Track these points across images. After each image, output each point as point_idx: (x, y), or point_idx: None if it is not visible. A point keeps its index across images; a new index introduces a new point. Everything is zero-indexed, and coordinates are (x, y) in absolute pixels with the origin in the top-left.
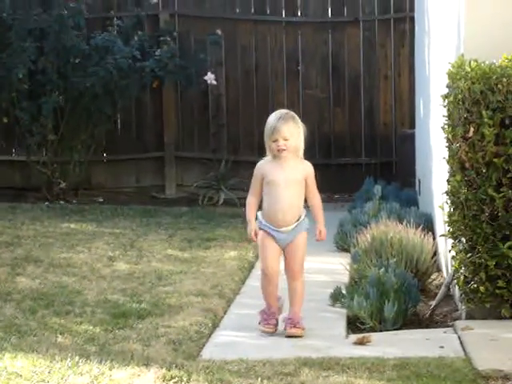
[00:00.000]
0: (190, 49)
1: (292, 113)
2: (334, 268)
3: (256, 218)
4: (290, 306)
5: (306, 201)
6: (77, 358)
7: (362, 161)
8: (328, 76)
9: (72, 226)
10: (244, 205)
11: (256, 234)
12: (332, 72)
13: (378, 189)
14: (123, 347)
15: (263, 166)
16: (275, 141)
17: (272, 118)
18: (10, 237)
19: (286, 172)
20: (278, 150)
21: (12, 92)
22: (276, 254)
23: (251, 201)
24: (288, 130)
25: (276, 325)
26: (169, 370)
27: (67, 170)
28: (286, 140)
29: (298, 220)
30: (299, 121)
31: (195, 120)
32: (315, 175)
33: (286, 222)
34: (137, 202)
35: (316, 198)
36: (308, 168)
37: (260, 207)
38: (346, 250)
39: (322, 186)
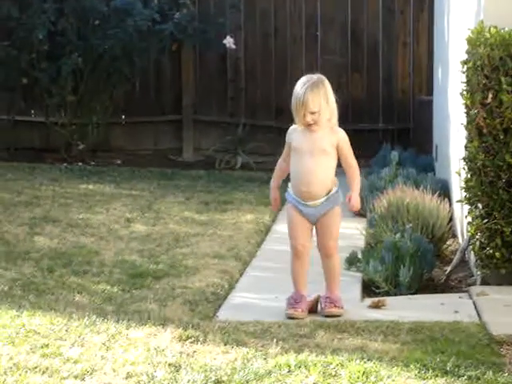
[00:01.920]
0: (209, 12)
1: (320, 77)
2: (350, 233)
3: (286, 190)
4: (327, 285)
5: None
6: (94, 316)
7: (379, 127)
8: (347, 42)
9: (90, 187)
10: (261, 169)
11: (276, 203)
12: (351, 38)
13: (394, 155)
14: (140, 307)
15: (292, 131)
16: (303, 116)
17: (298, 87)
18: (28, 197)
19: (313, 141)
20: (307, 125)
21: (32, 53)
22: (305, 229)
23: (279, 165)
24: (314, 103)
25: (305, 310)
26: (185, 330)
27: (86, 131)
28: (313, 114)
29: (327, 194)
30: (328, 85)
31: (213, 84)
32: None
33: (311, 195)
34: (154, 164)
35: (351, 168)
36: (340, 136)
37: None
38: (362, 215)
39: None
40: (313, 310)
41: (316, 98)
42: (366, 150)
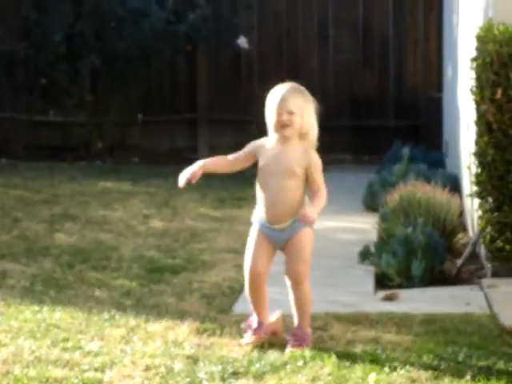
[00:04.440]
0: (222, 13)
1: (302, 87)
2: (363, 227)
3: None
4: (297, 319)
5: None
6: (113, 311)
7: (390, 123)
8: (358, 40)
9: (108, 184)
10: None
11: (193, 175)
12: (362, 36)
13: (406, 151)
14: (158, 301)
15: (260, 146)
16: (279, 115)
17: (277, 89)
18: (48, 195)
19: (281, 160)
20: (281, 126)
21: (50, 54)
22: (264, 252)
23: (222, 157)
24: (295, 103)
25: (263, 336)
26: (202, 323)
27: (103, 130)
28: (291, 114)
29: (295, 215)
30: (310, 97)
31: (228, 83)
32: (344, 137)
33: (277, 218)
34: (170, 162)
35: (319, 191)
36: (312, 160)
37: None
38: (375, 210)
39: (351, 148)
40: (278, 331)
41: (297, 100)
42: (377, 146)
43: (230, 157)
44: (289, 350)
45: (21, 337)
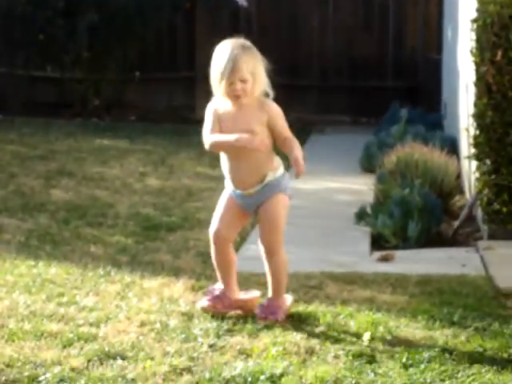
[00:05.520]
0: None
1: (248, 42)
2: (359, 188)
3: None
4: (271, 289)
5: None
6: (109, 267)
7: (389, 85)
8: (357, 0)
9: (105, 142)
10: None
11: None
12: None
13: (404, 112)
14: (154, 258)
15: (217, 108)
16: (231, 84)
17: (224, 51)
18: (44, 151)
19: (237, 121)
20: (235, 96)
21: (48, 10)
22: (232, 216)
23: (211, 138)
24: (249, 67)
25: (222, 308)
26: (198, 281)
27: (100, 87)
28: (243, 82)
29: (263, 179)
30: (259, 55)
31: None
32: (342, 98)
33: (244, 183)
34: (168, 120)
35: (287, 139)
36: (271, 111)
37: None
38: (372, 172)
39: (349, 109)
40: (247, 309)
41: (250, 63)
42: (376, 107)
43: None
44: (258, 320)
45: (16, 291)
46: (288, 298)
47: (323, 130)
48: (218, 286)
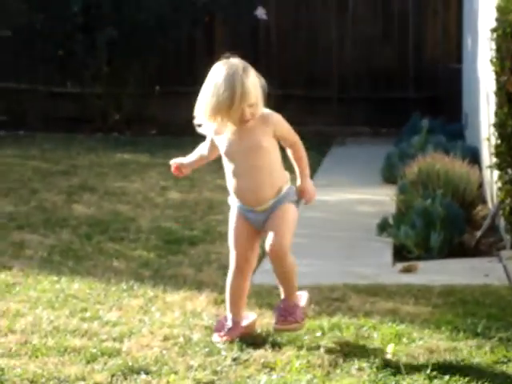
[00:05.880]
0: None
1: (244, 62)
2: (381, 199)
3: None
4: (283, 291)
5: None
6: (131, 281)
7: (409, 95)
8: (377, 11)
9: (126, 156)
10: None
11: (177, 168)
12: (381, 7)
13: (425, 122)
14: (176, 272)
15: (213, 134)
16: (242, 110)
17: (226, 75)
18: (66, 166)
19: (245, 141)
20: (244, 121)
21: (67, 25)
22: (251, 238)
23: (200, 152)
24: (256, 91)
25: (235, 338)
26: (220, 294)
27: (121, 102)
28: (251, 107)
29: (277, 194)
30: (254, 72)
31: (246, 54)
32: (362, 109)
33: (258, 201)
34: (187, 134)
35: (295, 144)
36: (273, 121)
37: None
38: (393, 182)
39: (369, 120)
40: (249, 332)
41: (256, 88)
42: (397, 118)
43: (203, 152)
44: (276, 328)
45: (39, 307)
46: (303, 296)
47: (344, 141)
48: (227, 318)
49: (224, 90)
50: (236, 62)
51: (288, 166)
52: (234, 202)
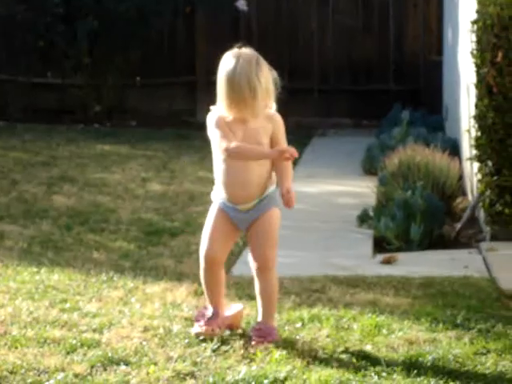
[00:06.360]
0: None
1: (253, 51)
2: (362, 191)
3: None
4: (261, 312)
5: None
6: (111, 272)
7: (390, 87)
8: (357, 3)
9: (106, 147)
10: None
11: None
12: (361, 0)
13: (405, 114)
14: (156, 263)
15: (224, 116)
16: (250, 104)
17: (242, 66)
18: (46, 157)
19: (245, 134)
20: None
21: (48, 16)
22: (224, 235)
23: (236, 144)
24: (266, 85)
25: (216, 328)
26: (200, 285)
27: (101, 93)
28: (264, 100)
29: (262, 194)
30: (266, 64)
31: (226, 46)
32: (343, 101)
33: (246, 198)
34: (169, 125)
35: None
36: (276, 122)
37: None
38: (374, 174)
39: (350, 112)
40: (236, 325)
41: (269, 82)
42: (377, 110)
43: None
44: (253, 344)
45: (19, 298)
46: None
47: (324, 133)
48: (207, 307)
49: (236, 78)
50: (251, 53)
51: None
52: (217, 198)
